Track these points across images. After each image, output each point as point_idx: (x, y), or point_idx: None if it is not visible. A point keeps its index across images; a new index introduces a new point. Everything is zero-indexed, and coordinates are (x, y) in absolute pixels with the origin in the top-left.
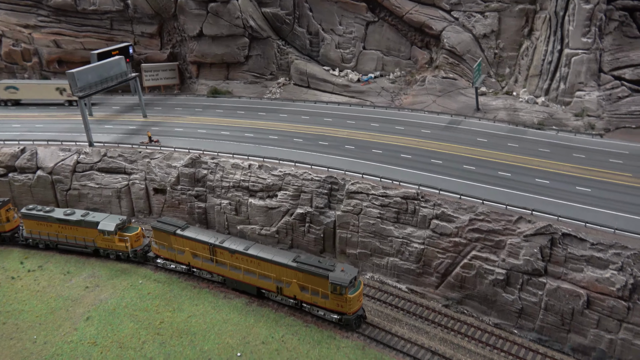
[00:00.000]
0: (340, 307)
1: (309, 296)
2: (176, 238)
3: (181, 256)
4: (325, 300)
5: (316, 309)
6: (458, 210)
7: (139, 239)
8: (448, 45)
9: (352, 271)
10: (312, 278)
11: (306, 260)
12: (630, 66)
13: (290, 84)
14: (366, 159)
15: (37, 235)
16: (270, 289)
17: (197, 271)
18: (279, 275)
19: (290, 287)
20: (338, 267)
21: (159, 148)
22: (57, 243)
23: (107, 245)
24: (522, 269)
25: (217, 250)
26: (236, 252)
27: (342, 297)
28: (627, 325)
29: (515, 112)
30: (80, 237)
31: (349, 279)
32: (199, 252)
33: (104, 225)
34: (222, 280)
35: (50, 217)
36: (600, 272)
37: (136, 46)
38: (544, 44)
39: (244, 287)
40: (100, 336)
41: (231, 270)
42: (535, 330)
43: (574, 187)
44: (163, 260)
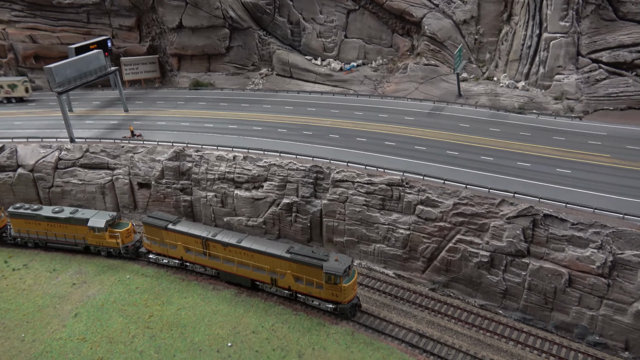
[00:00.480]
0: (335, 297)
1: (303, 286)
2: (168, 233)
3: (173, 251)
4: (320, 290)
5: (311, 299)
6: (442, 195)
7: (130, 235)
8: (429, 32)
9: (346, 260)
10: (306, 268)
11: (300, 251)
12: (607, 49)
13: (272, 75)
14: (351, 147)
15: (26, 234)
16: (264, 280)
17: (190, 265)
18: (273, 266)
19: (284, 278)
20: (332, 257)
21: (142, 142)
22: (46, 241)
23: (97, 242)
24: (506, 250)
25: (210, 243)
26: (229, 244)
27: (336, 287)
28: (607, 301)
29: (497, 97)
30: (70, 234)
31: (343, 268)
32: (192, 246)
33: (94, 222)
34: (215, 274)
35: (38, 215)
36: (580, 251)
37: (114, 39)
38: (523, 29)
39: (237, 279)
40: (89, 332)
41: (224, 263)
42: (519, 309)
43: (555, 169)
44: (155, 256)
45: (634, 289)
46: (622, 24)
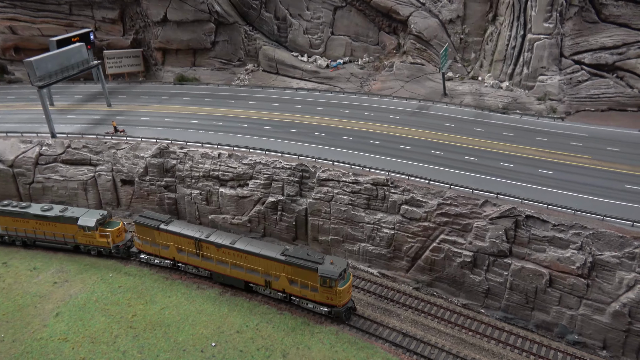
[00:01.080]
0: (330, 300)
1: (298, 289)
2: (160, 233)
3: (165, 251)
4: (315, 293)
5: (305, 302)
6: (427, 195)
7: (121, 234)
8: (415, 30)
9: (342, 263)
10: (301, 271)
11: (294, 254)
12: (590, 50)
13: (258, 71)
14: (336, 145)
15: (13, 232)
16: (258, 282)
17: (182, 266)
18: (267, 268)
19: (279, 280)
20: (327, 260)
21: (125, 138)
22: (35, 240)
23: (87, 242)
24: (488, 250)
25: (203, 244)
26: (223, 246)
27: (331, 290)
28: (587, 301)
29: (481, 97)
30: (59, 233)
31: (339, 271)
32: (184, 247)
33: (84, 221)
34: (208, 275)
35: (26, 213)
36: (561, 251)
37: (97, 32)
38: (507, 29)
39: (231, 281)
40: (71, 332)
41: (218, 264)
42: (501, 309)
43: (537, 170)
44: (147, 256)
45: (612, 289)
46: (604, 26)
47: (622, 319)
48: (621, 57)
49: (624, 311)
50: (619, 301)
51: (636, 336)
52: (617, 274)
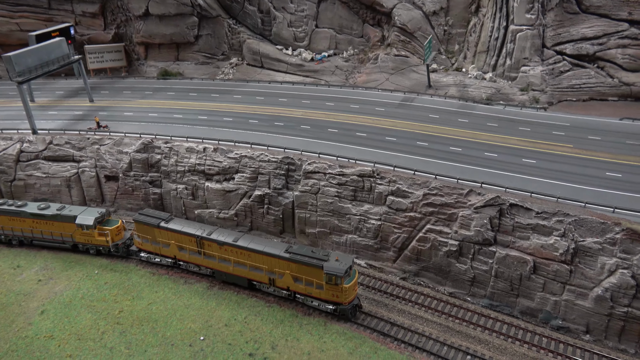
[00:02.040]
0: (336, 297)
1: (303, 287)
2: (160, 231)
3: (166, 249)
4: (320, 291)
5: (310, 300)
6: (412, 185)
7: (120, 233)
8: (399, 22)
9: (347, 260)
10: (305, 269)
11: (299, 251)
12: (571, 41)
13: (243, 64)
14: (322, 138)
15: (10, 231)
16: (262, 280)
17: (183, 264)
18: (271, 266)
19: (283, 278)
20: (332, 257)
21: (109, 134)
22: (32, 239)
23: (86, 240)
24: (474, 239)
25: (205, 242)
26: (225, 243)
27: (337, 287)
28: (570, 287)
29: (465, 88)
30: (57, 232)
31: (344, 268)
32: (185, 245)
33: (82, 219)
34: (210, 273)
35: (23, 212)
36: (545, 238)
37: (78, 27)
38: (490, 21)
39: (234, 279)
40: (57, 329)
41: (220, 262)
42: (486, 296)
43: (520, 159)
44: (147, 254)
45: (594, 274)
46: (585, 17)
47: (604, 304)
48: (602, 47)
49: (606, 296)
50: (601, 286)
51: (618, 320)
52: (599, 259)
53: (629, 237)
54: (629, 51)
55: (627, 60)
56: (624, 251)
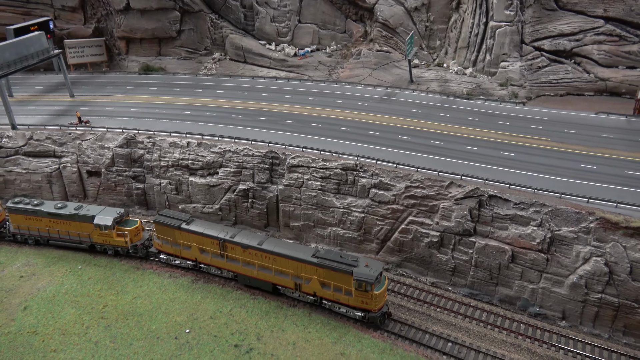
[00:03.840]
0: (365, 304)
1: (330, 293)
2: (181, 232)
3: (187, 252)
4: (349, 297)
5: (338, 306)
6: (395, 178)
7: (139, 233)
8: (381, 18)
9: (377, 266)
10: (334, 274)
11: (327, 255)
12: (549, 37)
13: (226, 59)
14: (306, 132)
15: (26, 230)
16: (287, 285)
17: (204, 267)
18: (298, 271)
19: (310, 283)
20: (362, 262)
21: (90, 129)
22: (48, 239)
23: (104, 241)
24: (454, 230)
25: (228, 245)
26: (249, 247)
27: (367, 294)
28: (547, 275)
29: (446, 83)
30: (74, 232)
31: (375, 274)
32: (207, 247)
33: (101, 220)
34: (233, 277)
35: (39, 211)
36: (522, 228)
37: (57, 21)
38: (470, 17)
39: (257, 283)
40: (40, 325)
41: (244, 266)
42: (467, 286)
43: (499, 152)
44: (167, 256)
45: (569, 262)
46: (562, 14)
47: (579, 290)
48: (578, 43)
49: (581, 283)
50: (576, 273)
51: (592, 306)
52: (574, 247)
53: (602, 226)
54: (604, 47)
55: (602, 56)
56: (598, 240)
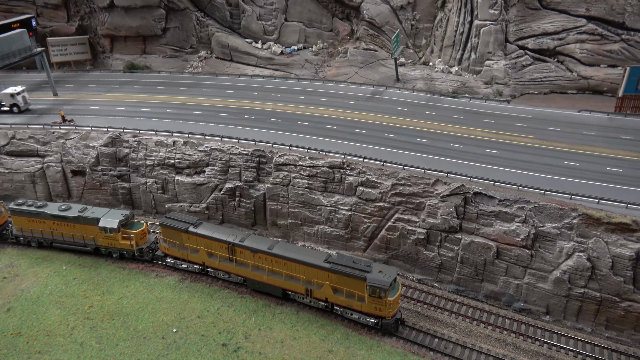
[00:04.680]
0: (379, 311)
1: (343, 299)
2: (189, 236)
3: (195, 255)
4: (362, 304)
5: (350, 313)
6: (381, 176)
7: (145, 236)
8: (367, 16)
9: (391, 272)
10: (347, 280)
11: (339, 260)
12: (532, 36)
13: (212, 58)
14: (293, 131)
15: (29, 232)
16: (298, 291)
17: (212, 271)
18: (309, 276)
19: (322, 289)
20: (375, 268)
21: (74, 128)
22: (52, 241)
23: (109, 244)
24: (440, 227)
25: (237, 249)
26: (259, 251)
27: (381, 301)
28: (531, 270)
29: (432, 82)
30: (78, 234)
31: (389, 280)
32: (216, 251)
33: (106, 222)
34: (242, 281)
35: (43, 213)
36: (507, 225)
37: (39, 18)
38: (456, 16)
39: (267, 288)
40: (24, 326)
41: (253, 270)
42: (453, 282)
43: (484, 150)
44: (173, 260)
45: (553, 258)
46: (546, 13)
47: (562, 285)
48: (561, 42)
49: (564, 278)
50: (560, 269)
51: (575, 300)
52: (557, 243)
53: (585, 222)
54: (587, 46)
55: (585, 54)
56: (580, 235)
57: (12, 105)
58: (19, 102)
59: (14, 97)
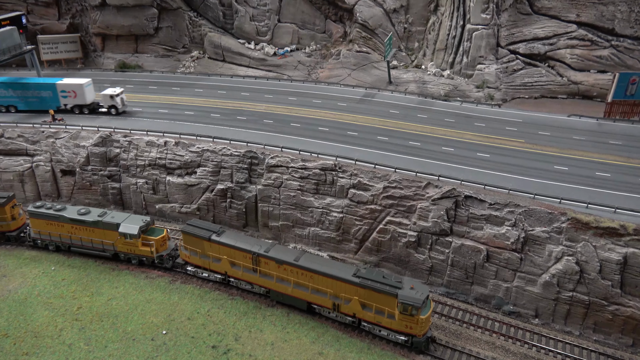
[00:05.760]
0: (409, 329)
1: (372, 315)
2: (211, 244)
3: (217, 264)
4: (391, 321)
5: (378, 329)
6: (373, 179)
7: (165, 243)
8: (361, 19)
9: (423, 289)
10: (376, 295)
11: (369, 275)
12: (524, 41)
13: (204, 58)
14: (285, 132)
15: (47, 236)
16: (325, 305)
17: (234, 281)
18: (337, 290)
19: (350, 304)
20: (406, 284)
21: (65, 127)
22: (70, 245)
23: (128, 250)
24: (431, 230)
25: (262, 259)
26: (284, 262)
27: (412, 318)
28: (520, 274)
29: (424, 85)
30: (97, 239)
31: (422, 298)
32: (239, 261)
33: (126, 228)
34: (265, 292)
35: (61, 216)
36: (497, 228)
37: (30, 16)
38: (448, 19)
39: (292, 301)
40: (11, 327)
41: (278, 282)
42: (443, 285)
43: (475, 154)
44: (194, 268)
45: (542, 261)
46: (537, 18)
47: (551, 289)
48: (552, 47)
49: (553, 281)
50: (549, 272)
51: (564, 304)
52: (546, 247)
53: (574, 226)
54: (577, 51)
55: (575, 60)
56: (569, 239)
57: (110, 107)
58: (117, 103)
59: (113, 98)
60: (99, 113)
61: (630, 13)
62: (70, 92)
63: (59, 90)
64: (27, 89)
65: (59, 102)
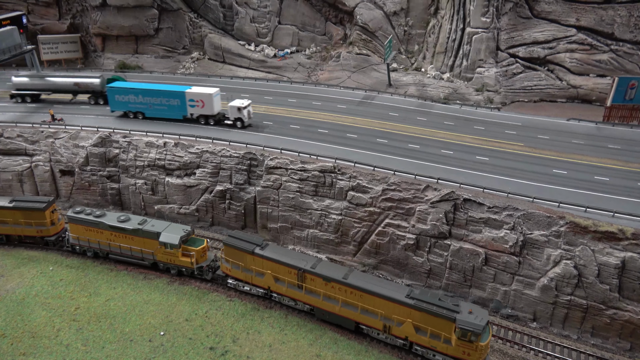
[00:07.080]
0: (467, 356)
1: (426, 339)
2: (254, 258)
3: (259, 279)
4: (447, 346)
5: (432, 354)
6: (372, 181)
7: (205, 254)
8: (361, 21)
9: (483, 314)
10: (432, 319)
11: (423, 297)
12: (524, 44)
13: (204, 59)
14: (284, 134)
15: (86, 242)
16: (375, 326)
17: (277, 297)
18: (389, 312)
19: (402, 327)
20: (464, 307)
21: (64, 127)
22: (108, 252)
23: (168, 260)
24: (430, 233)
25: (308, 276)
26: (332, 280)
27: (471, 345)
28: (518, 277)
29: (424, 88)
30: (136, 248)
31: (482, 324)
32: (283, 277)
33: (167, 238)
34: (309, 310)
35: (101, 223)
36: (495, 232)
37: (30, 15)
38: (448, 23)
39: (338, 320)
40: (9, 327)
41: (324, 300)
42: (442, 287)
43: (474, 157)
44: (235, 282)
45: (540, 265)
46: (537, 22)
47: (549, 292)
48: (552, 51)
49: (551, 285)
50: (547, 276)
51: (562, 308)
52: (545, 251)
53: (572, 230)
54: (577, 55)
55: (574, 64)
56: (568, 243)
57: (236, 119)
58: (244, 116)
59: (240, 110)
60: (224, 125)
61: (630, 18)
62: (199, 102)
63: (187, 99)
64: (156, 96)
65: (186, 111)
